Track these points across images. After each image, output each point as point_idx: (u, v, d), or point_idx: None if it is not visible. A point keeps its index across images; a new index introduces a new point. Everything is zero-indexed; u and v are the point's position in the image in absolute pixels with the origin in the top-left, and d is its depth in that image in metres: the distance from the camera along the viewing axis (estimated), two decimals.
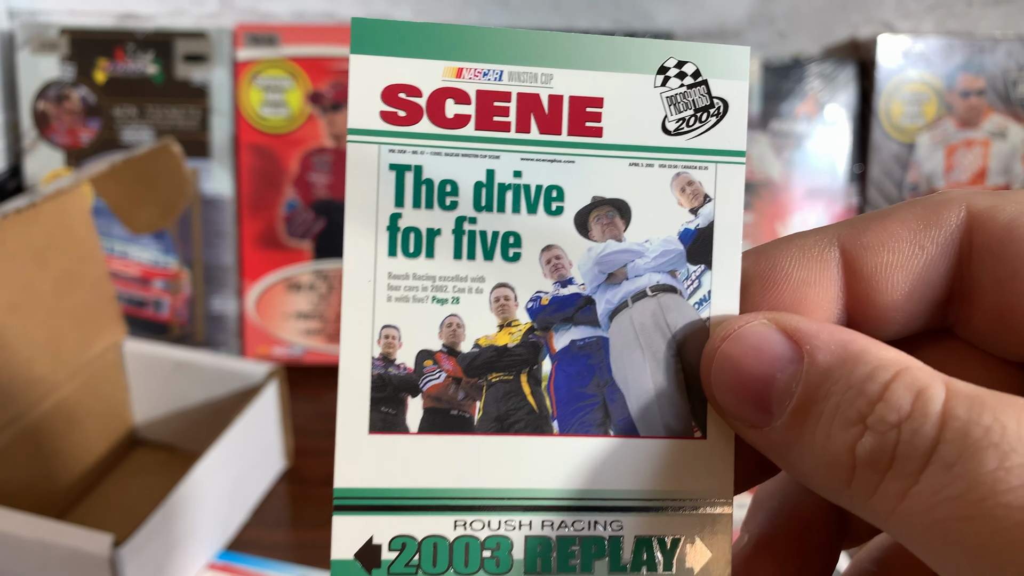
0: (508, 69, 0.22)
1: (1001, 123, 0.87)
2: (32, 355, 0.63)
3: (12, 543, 0.52)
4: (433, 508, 0.22)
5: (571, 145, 0.23)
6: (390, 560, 0.22)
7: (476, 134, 0.22)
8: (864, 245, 0.22)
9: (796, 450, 0.20)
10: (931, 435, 0.18)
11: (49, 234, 0.65)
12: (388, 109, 0.22)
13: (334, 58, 0.86)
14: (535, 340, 0.23)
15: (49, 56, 0.86)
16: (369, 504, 0.22)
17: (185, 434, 0.73)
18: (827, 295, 0.23)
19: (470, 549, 0.22)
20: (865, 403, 0.19)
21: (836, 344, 0.20)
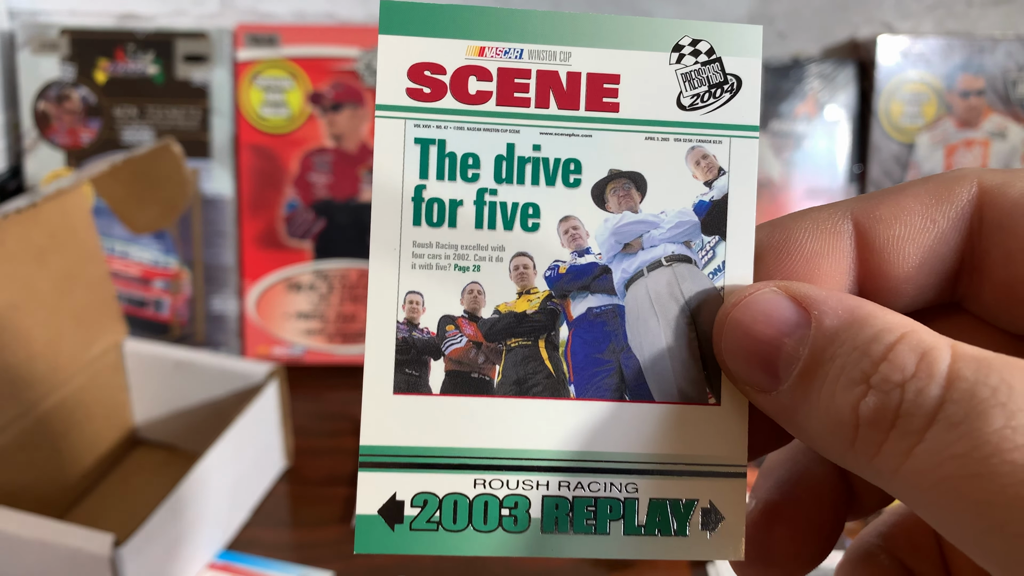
0: (528, 47, 0.24)
1: (1001, 123, 0.88)
2: (33, 355, 0.64)
3: (13, 543, 0.52)
4: (454, 467, 0.23)
5: (589, 120, 0.24)
6: (412, 516, 0.23)
7: (497, 109, 0.23)
8: (877, 218, 0.23)
9: (803, 412, 0.21)
10: (936, 394, 0.18)
11: (50, 234, 0.65)
12: (414, 86, 0.23)
13: (334, 58, 0.86)
14: (553, 307, 0.24)
15: (50, 56, 0.86)
16: (393, 461, 0.23)
17: (185, 434, 0.73)
18: (840, 266, 0.23)
19: (489, 507, 0.23)
20: (869, 363, 0.19)
21: (843, 309, 0.20)
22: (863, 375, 0.19)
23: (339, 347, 0.87)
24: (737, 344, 0.22)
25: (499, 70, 0.23)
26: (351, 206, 0.87)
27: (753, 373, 0.22)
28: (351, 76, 0.86)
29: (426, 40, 0.23)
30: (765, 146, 0.88)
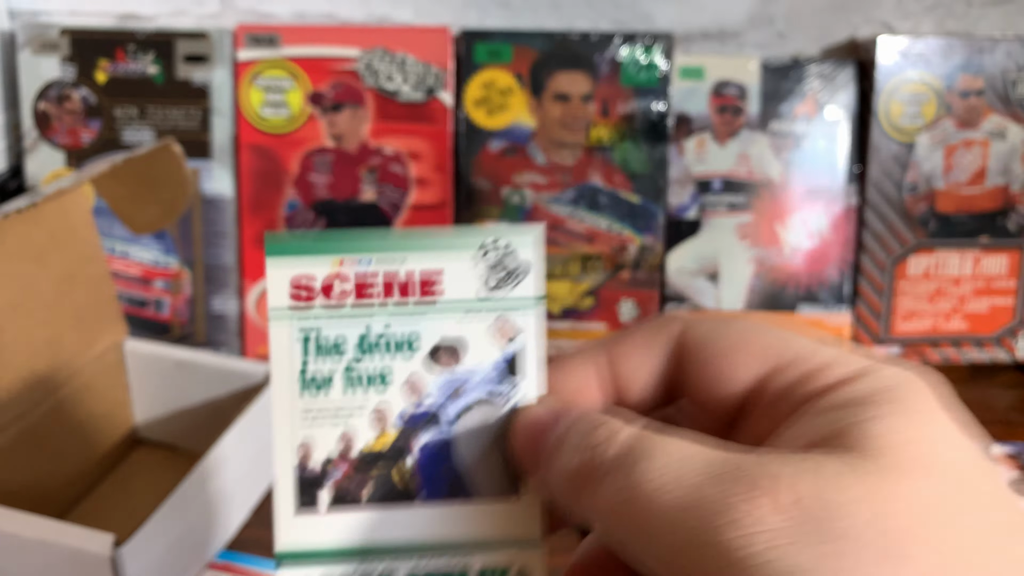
0: (375, 256, 0.31)
1: (1000, 123, 0.88)
2: (33, 355, 0.64)
3: (13, 543, 0.52)
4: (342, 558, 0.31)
5: (422, 303, 0.32)
6: None
7: (356, 302, 0.31)
8: (619, 352, 0.31)
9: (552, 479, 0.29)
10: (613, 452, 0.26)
11: (50, 234, 0.65)
12: (295, 292, 0.31)
13: (335, 58, 0.86)
14: (400, 445, 0.32)
15: (50, 57, 0.86)
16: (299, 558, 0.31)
17: (186, 433, 0.73)
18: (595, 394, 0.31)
19: None
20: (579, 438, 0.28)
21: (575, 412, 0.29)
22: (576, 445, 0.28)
23: None
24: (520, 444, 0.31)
25: (355, 274, 0.31)
26: (351, 206, 0.87)
27: (529, 463, 0.30)
28: (351, 76, 0.86)
29: (301, 259, 0.31)
30: (764, 146, 0.88)
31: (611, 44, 0.87)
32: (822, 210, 0.89)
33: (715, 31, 0.93)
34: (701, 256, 0.89)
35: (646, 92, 0.87)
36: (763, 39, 0.93)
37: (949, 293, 0.90)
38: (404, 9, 0.91)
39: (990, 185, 0.89)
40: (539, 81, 0.87)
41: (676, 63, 0.88)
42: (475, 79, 0.87)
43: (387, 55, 0.86)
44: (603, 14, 0.92)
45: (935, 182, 0.88)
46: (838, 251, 0.89)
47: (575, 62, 0.87)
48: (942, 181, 0.88)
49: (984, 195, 0.89)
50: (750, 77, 0.88)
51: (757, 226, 0.89)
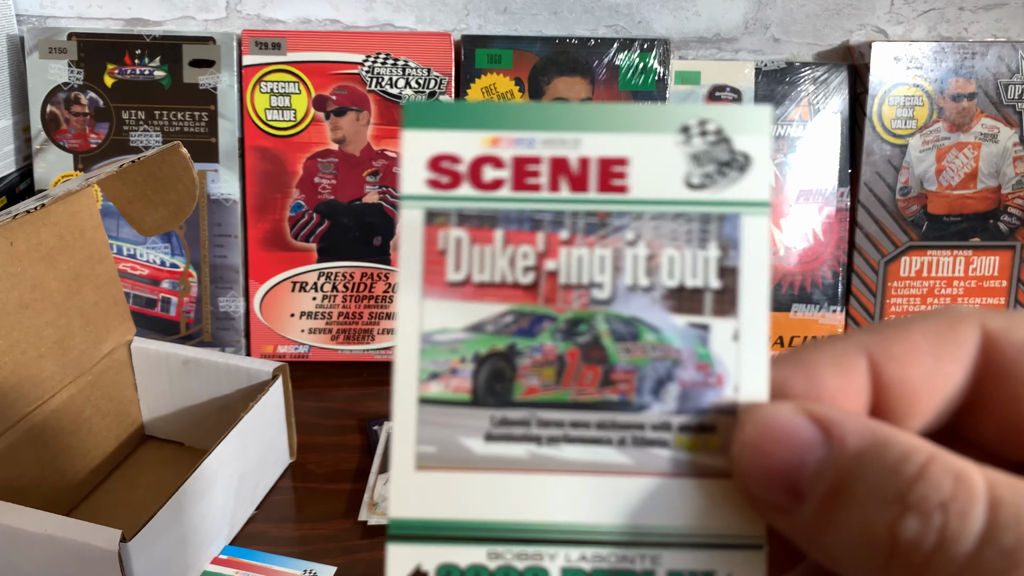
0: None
1: (991, 126, 0.88)
2: (42, 353, 0.64)
3: (22, 538, 0.52)
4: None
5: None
6: None
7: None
8: (890, 356, 0.23)
9: (828, 532, 0.21)
10: (982, 518, 0.18)
11: (59, 235, 0.65)
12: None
13: (338, 63, 0.86)
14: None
15: (58, 60, 0.87)
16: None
17: (192, 431, 0.74)
18: (858, 402, 0.23)
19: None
20: (904, 482, 0.19)
21: (864, 428, 0.21)
22: (898, 494, 0.19)
23: (342, 346, 0.88)
24: (756, 464, 0.22)
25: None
26: (355, 208, 0.88)
27: (772, 493, 0.22)
28: (355, 80, 0.86)
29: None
30: None
31: (609, 50, 0.88)
32: (816, 212, 0.89)
33: (711, 36, 0.93)
34: None
35: (643, 96, 0.88)
36: (758, 44, 0.93)
37: (941, 294, 0.91)
38: (406, 15, 0.92)
39: (981, 187, 0.89)
40: (538, 86, 0.88)
41: (672, 68, 0.89)
42: (476, 84, 0.88)
43: (390, 60, 0.86)
44: (601, 20, 0.92)
45: (927, 184, 0.89)
46: (831, 252, 0.90)
47: (574, 67, 0.88)
48: (934, 183, 0.89)
49: (975, 197, 0.89)
50: (745, 81, 0.89)
51: None
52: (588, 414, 0.24)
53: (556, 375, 0.24)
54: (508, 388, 0.24)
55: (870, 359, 0.23)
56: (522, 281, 0.24)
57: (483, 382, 0.24)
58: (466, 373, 0.24)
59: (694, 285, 0.24)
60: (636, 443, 0.24)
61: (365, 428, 0.77)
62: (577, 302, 0.24)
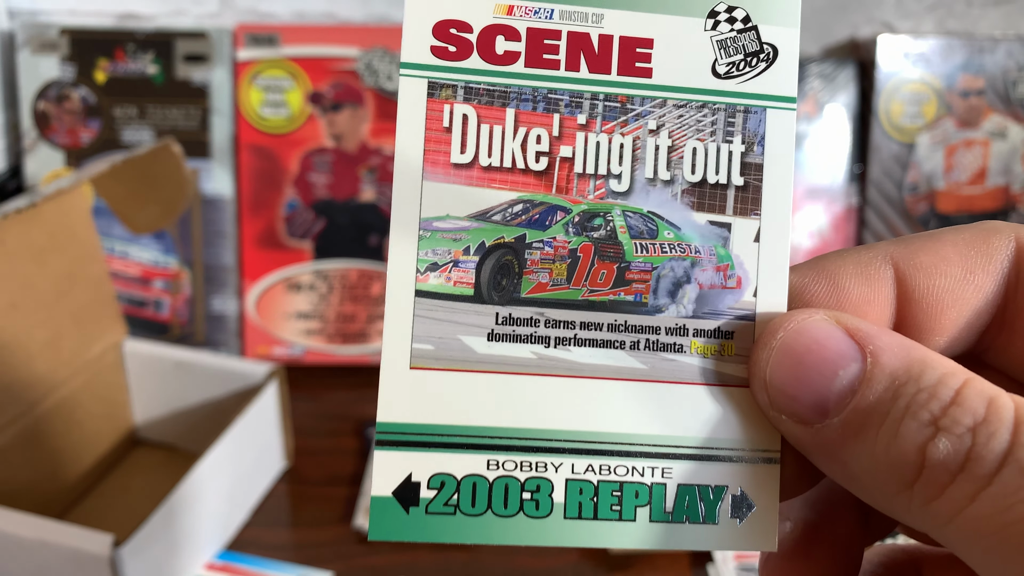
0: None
1: (1001, 123, 0.88)
2: (32, 355, 0.64)
3: (13, 543, 0.52)
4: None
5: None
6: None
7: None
8: (917, 266, 0.23)
9: (851, 449, 0.20)
10: (1006, 439, 0.18)
11: (49, 234, 0.65)
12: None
13: (334, 58, 0.86)
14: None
15: (49, 56, 0.86)
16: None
17: (185, 434, 0.73)
18: (884, 313, 0.23)
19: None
20: (939, 406, 0.19)
21: (899, 348, 0.20)
22: (932, 417, 0.19)
23: (339, 347, 0.87)
24: (785, 373, 0.21)
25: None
26: (351, 206, 0.87)
27: (798, 405, 0.21)
28: (351, 76, 0.86)
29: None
30: None
31: None
32: (823, 210, 0.89)
33: None
34: None
35: None
36: None
37: None
38: (402, 8, 0.91)
39: (991, 185, 0.89)
40: None
41: None
42: None
43: (387, 55, 0.86)
44: None
45: (936, 182, 0.88)
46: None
47: None
48: (943, 181, 0.88)
49: (985, 195, 0.89)
50: None
51: None
52: (600, 315, 0.23)
53: (567, 272, 0.23)
54: (515, 284, 0.23)
55: (896, 269, 0.23)
56: (534, 167, 0.23)
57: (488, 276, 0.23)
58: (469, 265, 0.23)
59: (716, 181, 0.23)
60: (650, 347, 0.23)
61: (361, 432, 0.76)
62: (593, 193, 0.23)
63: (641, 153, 0.23)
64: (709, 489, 0.23)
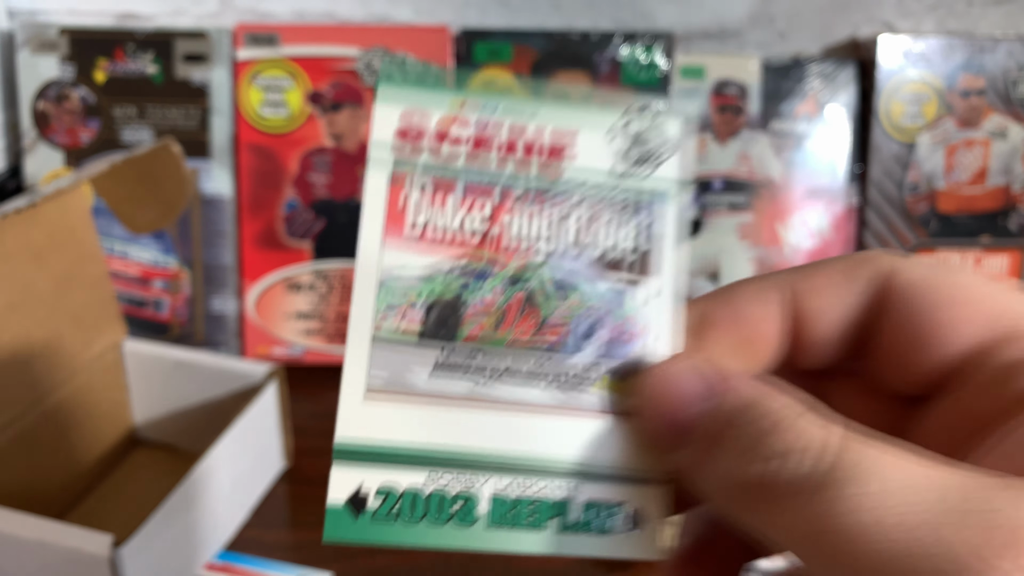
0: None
1: (1001, 123, 0.87)
2: (32, 355, 0.63)
3: (12, 543, 0.52)
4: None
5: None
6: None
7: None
8: (805, 289, 0.27)
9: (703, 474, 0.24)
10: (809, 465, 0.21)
11: (49, 234, 0.65)
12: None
13: (334, 58, 0.86)
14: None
15: (49, 56, 0.86)
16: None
17: (185, 434, 0.73)
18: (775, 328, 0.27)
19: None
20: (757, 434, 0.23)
21: (744, 388, 0.24)
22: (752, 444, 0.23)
23: (339, 347, 0.87)
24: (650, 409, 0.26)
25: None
26: (351, 206, 0.87)
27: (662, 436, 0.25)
28: (351, 76, 0.86)
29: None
30: (765, 145, 0.88)
31: (611, 43, 0.87)
32: (823, 210, 0.88)
33: (716, 30, 0.92)
34: (702, 256, 0.89)
35: (646, 91, 0.87)
36: (764, 38, 0.93)
37: None
38: (404, 8, 0.91)
39: (991, 185, 0.88)
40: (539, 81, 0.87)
41: (676, 62, 0.88)
42: (475, 78, 0.87)
43: (387, 55, 0.86)
44: (603, 13, 0.91)
45: (936, 182, 0.88)
46: (839, 251, 0.89)
47: (575, 61, 0.87)
48: (943, 181, 0.88)
49: (985, 195, 0.89)
50: (751, 77, 0.88)
51: (758, 226, 0.88)
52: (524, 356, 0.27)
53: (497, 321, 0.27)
54: (454, 329, 0.27)
55: (792, 291, 0.27)
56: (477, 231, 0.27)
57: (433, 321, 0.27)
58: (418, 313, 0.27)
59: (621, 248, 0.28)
60: (563, 385, 0.27)
61: None
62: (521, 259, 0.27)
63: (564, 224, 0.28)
64: (610, 505, 0.27)
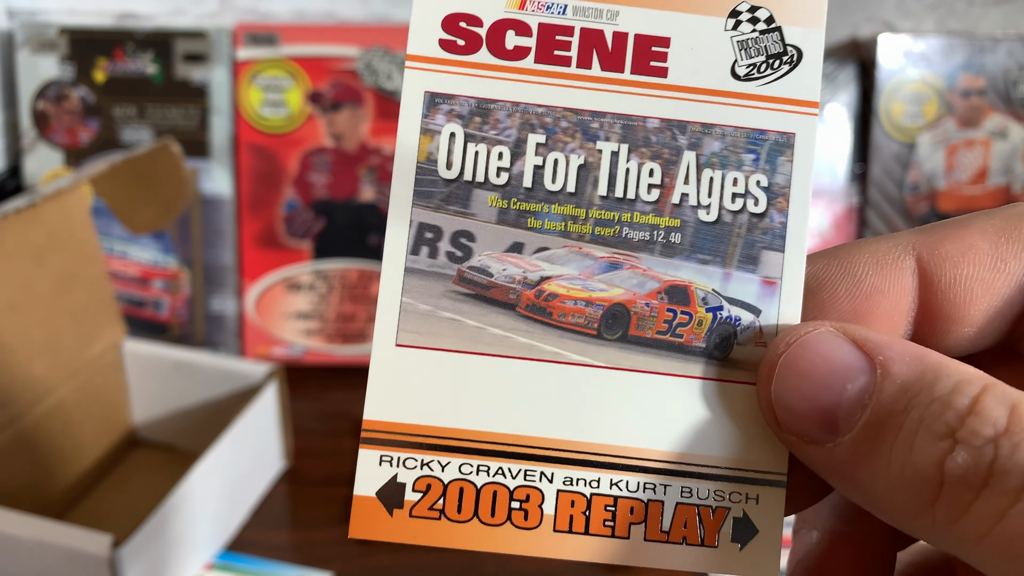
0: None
1: (1002, 123, 0.87)
2: (31, 355, 0.63)
3: (11, 543, 0.52)
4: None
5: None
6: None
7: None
8: (942, 255, 0.21)
9: (866, 468, 0.19)
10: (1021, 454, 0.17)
11: (48, 234, 0.65)
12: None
13: (334, 58, 0.86)
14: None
15: (48, 56, 0.86)
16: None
17: (184, 434, 0.73)
18: (901, 305, 0.22)
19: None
20: (955, 416, 0.18)
21: (911, 356, 0.19)
22: (948, 429, 0.18)
23: (339, 347, 0.87)
24: (790, 389, 0.20)
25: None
26: (351, 206, 0.87)
27: (806, 423, 0.20)
28: (351, 76, 0.86)
29: None
30: None
31: None
32: (824, 210, 0.88)
33: None
34: None
35: None
36: None
37: None
38: (404, 8, 0.91)
39: (992, 185, 0.88)
40: None
41: None
42: None
43: (387, 54, 0.85)
44: None
45: (936, 182, 0.88)
46: None
47: None
48: (943, 181, 0.88)
49: (986, 195, 0.88)
50: None
51: None
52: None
53: None
54: None
55: (919, 259, 0.21)
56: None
57: None
58: None
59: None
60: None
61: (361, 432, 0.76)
62: None
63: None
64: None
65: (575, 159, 0.22)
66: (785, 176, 0.22)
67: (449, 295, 0.22)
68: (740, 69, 0.22)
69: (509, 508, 0.22)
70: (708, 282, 0.22)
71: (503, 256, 0.22)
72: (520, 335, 0.22)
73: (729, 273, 0.22)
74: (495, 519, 0.22)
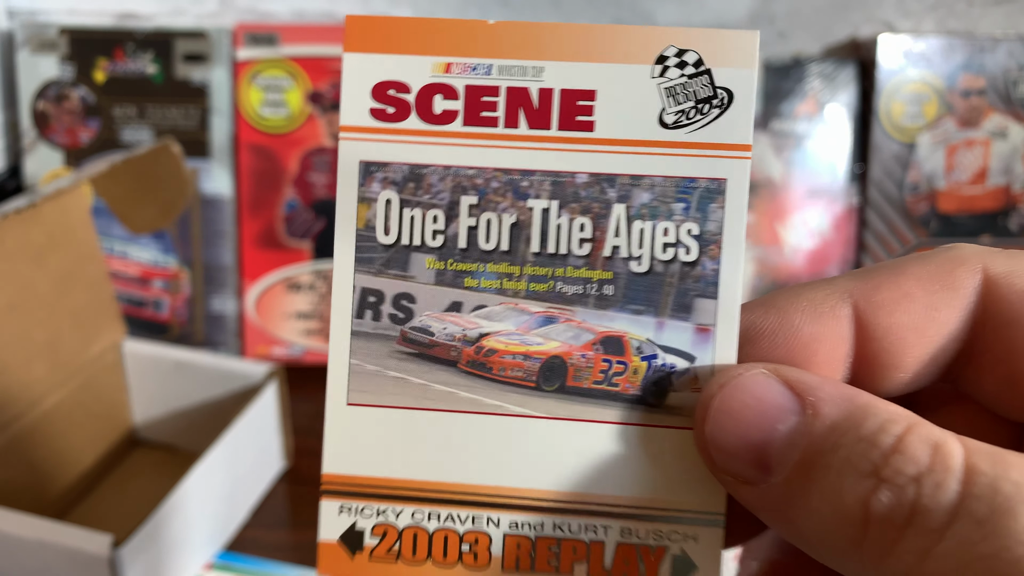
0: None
1: (1002, 123, 0.87)
2: (31, 355, 0.63)
3: (11, 543, 0.52)
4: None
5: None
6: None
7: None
8: (878, 303, 0.22)
9: (798, 507, 0.19)
10: (956, 489, 0.17)
11: (48, 234, 0.65)
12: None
13: (334, 58, 0.86)
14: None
15: (48, 56, 0.86)
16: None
17: (185, 434, 0.73)
18: (838, 352, 0.22)
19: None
20: (879, 455, 0.18)
21: (841, 397, 0.19)
22: (873, 467, 0.18)
23: None
24: (723, 430, 0.21)
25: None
26: None
27: (739, 463, 0.20)
28: None
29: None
30: (765, 145, 0.88)
31: None
32: (823, 210, 0.88)
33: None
34: None
35: None
36: (764, 38, 0.93)
37: None
38: (404, 8, 0.91)
39: (992, 185, 0.88)
40: None
41: None
42: None
43: None
44: (603, 12, 0.91)
45: (936, 182, 0.88)
46: (839, 251, 0.89)
47: None
48: (943, 181, 0.88)
49: (986, 195, 0.88)
50: None
51: (758, 226, 0.88)
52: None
53: None
54: None
55: (855, 306, 0.22)
56: None
57: None
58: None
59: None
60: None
61: None
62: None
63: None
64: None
65: (507, 218, 0.23)
66: (717, 223, 0.23)
67: (394, 355, 0.24)
68: (668, 117, 0.22)
69: (460, 551, 0.23)
70: (642, 332, 0.23)
71: (443, 315, 0.24)
72: (463, 390, 0.23)
73: (662, 322, 0.23)
74: (447, 560, 0.23)
